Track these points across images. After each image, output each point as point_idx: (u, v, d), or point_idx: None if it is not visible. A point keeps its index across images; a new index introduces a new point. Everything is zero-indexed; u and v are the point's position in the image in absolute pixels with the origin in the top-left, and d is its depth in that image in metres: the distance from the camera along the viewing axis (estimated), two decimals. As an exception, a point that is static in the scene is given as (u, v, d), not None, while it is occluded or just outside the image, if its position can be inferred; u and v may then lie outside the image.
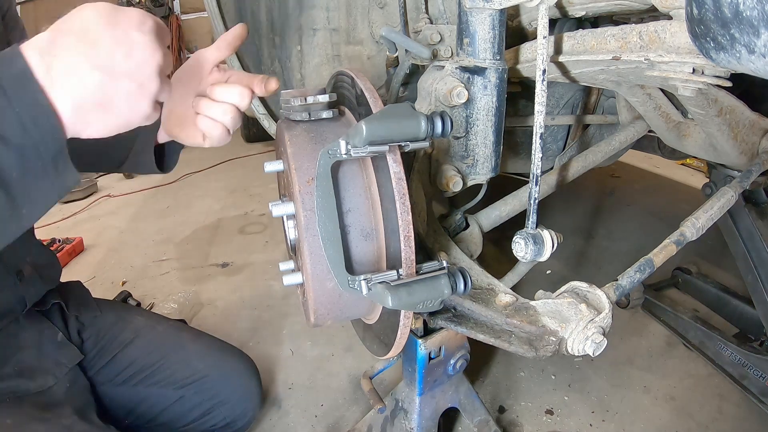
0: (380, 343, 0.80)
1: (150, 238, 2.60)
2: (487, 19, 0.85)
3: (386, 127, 0.58)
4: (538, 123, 0.71)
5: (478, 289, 0.82)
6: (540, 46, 0.70)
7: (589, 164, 1.35)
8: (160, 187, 3.53)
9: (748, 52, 0.46)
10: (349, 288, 0.63)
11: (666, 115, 1.22)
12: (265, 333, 1.72)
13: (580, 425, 1.29)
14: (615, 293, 0.76)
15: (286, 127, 0.73)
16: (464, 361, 0.98)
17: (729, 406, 1.34)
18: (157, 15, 5.45)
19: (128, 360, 1.03)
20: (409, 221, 0.64)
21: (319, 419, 1.33)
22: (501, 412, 1.33)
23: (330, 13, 1.36)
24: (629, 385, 1.42)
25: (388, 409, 1.06)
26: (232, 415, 1.07)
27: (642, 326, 1.67)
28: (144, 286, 2.08)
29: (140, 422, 1.04)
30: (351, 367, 1.53)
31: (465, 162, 0.97)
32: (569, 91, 1.52)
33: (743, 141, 1.09)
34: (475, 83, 0.90)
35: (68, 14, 0.52)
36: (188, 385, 1.03)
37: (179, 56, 5.55)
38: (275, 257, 2.30)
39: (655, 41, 0.72)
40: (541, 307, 0.74)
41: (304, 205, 0.65)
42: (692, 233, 0.86)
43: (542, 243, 0.72)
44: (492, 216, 1.16)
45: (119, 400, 1.02)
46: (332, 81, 0.84)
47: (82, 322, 1.05)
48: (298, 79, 1.43)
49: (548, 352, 0.69)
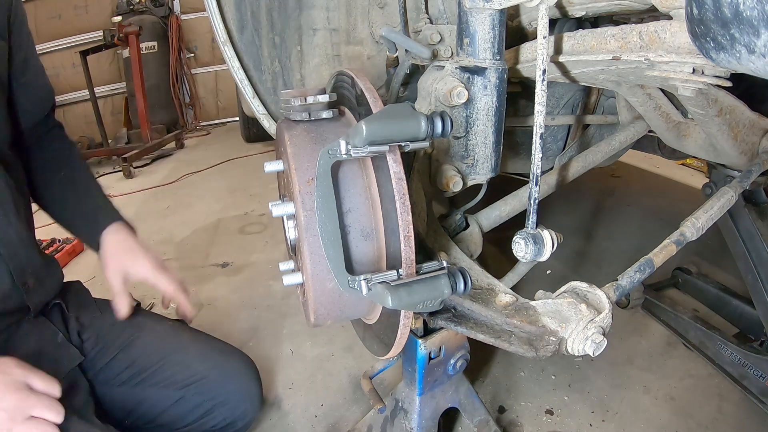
0: (380, 343, 0.80)
1: (150, 238, 2.60)
2: (487, 19, 0.85)
3: (386, 127, 0.58)
4: (538, 123, 0.71)
5: (478, 289, 0.82)
6: (540, 46, 0.70)
7: (589, 164, 1.35)
8: (160, 187, 3.53)
9: (748, 52, 0.46)
10: (349, 288, 0.63)
11: (666, 115, 1.22)
12: (265, 333, 1.72)
13: (580, 425, 1.29)
14: (615, 293, 0.76)
15: (286, 127, 0.73)
16: (464, 361, 0.98)
17: (729, 406, 1.34)
18: (157, 15, 5.47)
19: (128, 361, 1.03)
20: (409, 221, 0.64)
21: (319, 419, 1.33)
22: (501, 412, 1.33)
23: (330, 13, 1.36)
24: (629, 385, 1.42)
25: (388, 409, 1.06)
26: (232, 415, 1.06)
27: (642, 326, 1.67)
28: (144, 286, 2.05)
29: (140, 423, 1.04)
30: (351, 367, 1.53)
31: (465, 162, 0.97)
32: (569, 91, 1.52)
33: (743, 141, 1.09)
34: (475, 83, 0.90)
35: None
36: (188, 385, 1.03)
37: (179, 56, 5.55)
38: (275, 257, 2.30)
39: (655, 41, 0.72)
40: (541, 307, 0.74)
41: (304, 205, 0.65)
42: (692, 233, 0.86)
43: (542, 243, 0.72)
44: (492, 216, 1.16)
45: (119, 401, 1.02)
46: (332, 81, 0.84)
47: (82, 323, 1.05)
48: (298, 79, 1.43)
49: (548, 352, 0.69)
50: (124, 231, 1.08)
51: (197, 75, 5.88)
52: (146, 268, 1.04)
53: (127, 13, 5.14)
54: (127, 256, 1.04)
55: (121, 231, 1.07)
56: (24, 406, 0.73)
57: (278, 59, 1.39)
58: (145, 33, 4.76)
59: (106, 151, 4.56)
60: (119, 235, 1.06)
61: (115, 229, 1.07)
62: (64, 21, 5.27)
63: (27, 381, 0.76)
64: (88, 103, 4.73)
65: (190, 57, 5.76)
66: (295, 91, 0.75)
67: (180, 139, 4.97)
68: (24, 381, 0.76)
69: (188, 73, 5.74)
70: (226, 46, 1.31)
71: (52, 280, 1.04)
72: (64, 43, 5.25)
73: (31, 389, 0.76)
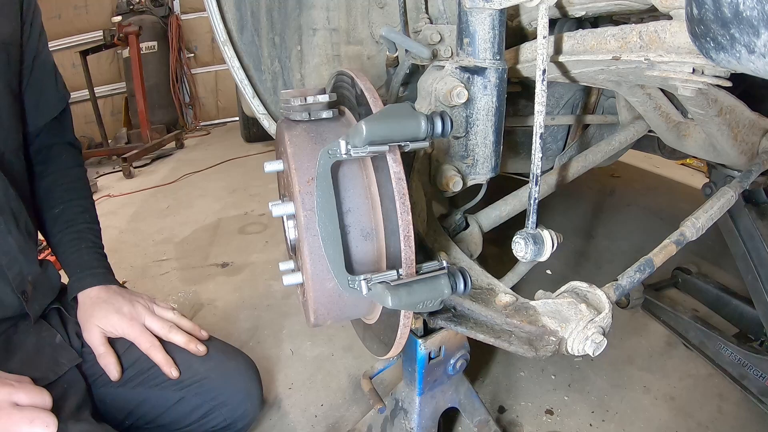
0: (380, 343, 0.80)
1: (150, 238, 2.60)
2: (487, 19, 0.85)
3: (386, 127, 0.58)
4: (538, 123, 0.71)
5: (478, 289, 0.82)
6: (540, 46, 0.70)
7: (589, 164, 1.35)
8: (160, 187, 3.53)
9: (748, 52, 0.46)
10: (349, 288, 0.63)
11: (666, 115, 1.22)
12: (265, 333, 1.72)
13: (580, 425, 1.29)
14: (615, 293, 0.76)
15: (286, 127, 0.73)
16: (464, 361, 0.98)
17: (729, 406, 1.34)
18: (157, 15, 5.48)
19: (129, 361, 1.03)
20: (409, 221, 0.64)
21: (319, 419, 1.33)
22: (501, 412, 1.33)
23: (330, 13, 1.36)
24: (629, 385, 1.42)
25: (388, 409, 1.06)
26: (232, 416, 1.06)
27: (642, 326, 1.67)
28: (144, 286, 2.08)
29: (140, 424, 1.04)
30: (351, 367, 1.53)
31: (465, 162, 0.97)
32: (569, 91, 1.52)
33: (743, 141, 1.09)
34: (475, 83, 0.90)
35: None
36: (189, 386, 1.03)
37: (179, 56, 5.55)
38: (275, 257, 2.30)
39: (655, 41, 0.72)
40: (541, 307, 0.74)
41: (304, 205, 0.65)
42: (692, 233, 0.86)
43: (542, 243, 0.72)
44: (492, 216, 1.16)
45: (120, 402, 1.02)
46: (332, 81, 0.84)
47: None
48: (298, 79, 1.43)
49: (548, 352, 0.69)
50: (97, 289, 1.02)
51: (197, 75, 5.89)
52: (122, 325, 0.98)
53: (127, 13, 5.14)
54: (99, 314, 0.98)
55: (95, 289, 1.02)
56: (9, 423, 0.72)
57: (278, 59, 1.39)
58: (145, 33, 4.76)
59: (106, 151, 4.57)
60: (92, 291, 1.01)
61: (89, 290, 1.02)
62: (63, 21, 5.27)
63: (11, 398, 0.75)
64: (88, 103, 4.74)
65: (190, 57, 5.77)
66: (295, 91, 0.75)
67: (180, 139, 4.97)
68: (8, 399, 0.75)
69: (188, 73, 5.74)
70: (226, 46, 1.31)
71: (49, 285, 1.04)
72: (63, 43, 5.26)
73: (17, 405, 0.75)
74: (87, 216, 1.12)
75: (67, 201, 1.09)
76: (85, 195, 1.15)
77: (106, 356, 0.98)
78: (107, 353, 0.98)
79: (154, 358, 1.00)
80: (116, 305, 1.00)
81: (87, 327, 0.99)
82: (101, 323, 0.98)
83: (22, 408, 0.75)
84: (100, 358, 0.98)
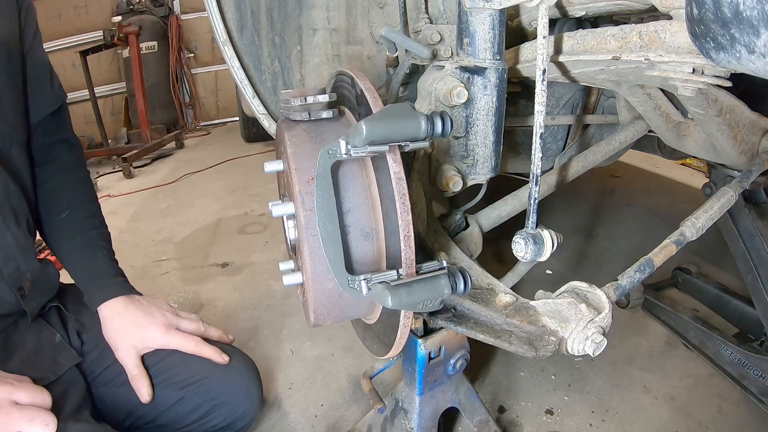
0: (380, 343, 0.80)
1: (150, 238, 2.60)
2: (487, 19, 0.85)
3: (386, 127, 0.58)
4: (538, 123, 0.71)
5: (478, 289, 0.82)
6: (540, 46, 0.70)
7: (589, 164, 1.35)
8: (160, 187, 3.53)
9: (748, 52, 0.46)
10: (349, 288, 0.63)
11: (666, 115, 1.22)
12: (265, 333, 1.72)
13: (580, 425, 1.29)
14: (615, 293, 0.76)
15: (286, 127, 0.73)
16: (464, 361, 0.98)
17: (729, 406, 1.34)
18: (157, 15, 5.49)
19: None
20: (409, 221, 0.64)
21: (319, 419, 1.33)
22: (501, 412, 1.33)
23: (330, 13, 1.36)
24: (629, 385, 1.42)
25: (388, 409, 1.06)
26: (232, 416, 1.06)
27: (642, 326, 1.67)
28: (144, 286, 2.07)
29: (140, 423, 1.04)
30: (351, 367, 1.53)
31: (465, 162, 0.97)
32: (569, 91, 1.52)
33: (743, 141, 1.09)
34: (475, 83, 0.90)
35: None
36: (189, 386, 1.03)
37: (179, 56, 5.55)
38: (275, 257, 2.30)
39: (655, 41, 0.72)
40: (541, 307, 0.74)
41: (304, 205, 0.65)
42: (692, 233, 0.86)
43: (542, 243, 0.72)
44: (492, 216, 1.16)
45: (120, 402, 1.02)
46: (332, 81, 0.84)
47: (82, 323, 1.04)
48: (298, 79, 1.43)
49: (548, 352, 0.69)
50: (122, 301, 1.00)
51: (197, 75, 5.89)
52: (158, 337, 0.99)
53: (127, 13, 5.15)
54: (134, 332, 0.98)
55: (120, 302, 1.00)
56: (8, 422, 0.72)
57: (278, 59, 1.39)
58: (145, 33, 4.77)
59: (106, 151, 4.57)
60: (117, 304, 1.00)
61: (113, 302, 1.00)
62: (63, 21, 5.27)
63: (11, 397, 0.75)
64: (88, 103, 4.74)
65: (190, 57, 5.77)
66: (295, 91, 0.75)
67: (180, 138, 4.97)
68: (8, 398, 0.75)
69: (188, 73, 5.74)
70: (226, 46, 1.31)
71: (47, 283, 1.03)
72: (63, 43, 5.26)
73: (16, 404, 0.75)
74: (95, 221, 1.09)
75: (74, 206, 1.07)
76: (91, 198, 1.13)
77: (139, 378, 0.98)
78: (140, 375, 0.98)
79: (204, 354, 1.02)
80: (149, 317, 1.00)
81: (121, 347, 0.98)
82: (138, 344, 0.98)
83: (22, 407, 0.75)
84: (133, 380, 0.98)
